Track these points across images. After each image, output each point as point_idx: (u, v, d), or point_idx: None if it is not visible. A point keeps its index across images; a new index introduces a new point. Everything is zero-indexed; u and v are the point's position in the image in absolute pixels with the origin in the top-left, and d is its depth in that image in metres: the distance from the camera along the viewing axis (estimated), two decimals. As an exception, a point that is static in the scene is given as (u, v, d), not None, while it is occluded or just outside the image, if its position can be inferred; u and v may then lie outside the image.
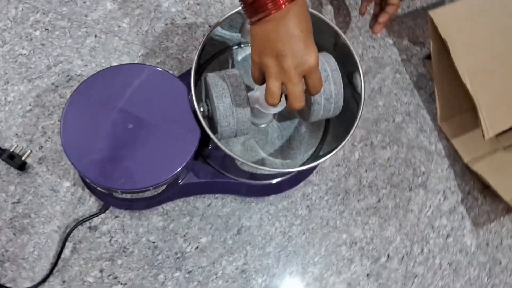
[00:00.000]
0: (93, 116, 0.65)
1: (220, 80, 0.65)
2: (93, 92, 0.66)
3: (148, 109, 0.66)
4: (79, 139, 0.64)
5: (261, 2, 0.51)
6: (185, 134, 0.66)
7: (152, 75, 0.68)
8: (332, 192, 0.90)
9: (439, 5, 1.02)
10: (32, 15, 0.87)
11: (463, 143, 0.92)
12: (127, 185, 0.64)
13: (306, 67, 0.53)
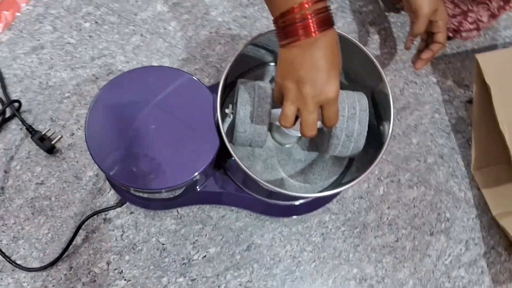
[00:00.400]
0: (118, 113, 0.67)
1: (250, 89, 0.66)
2: (121, 91, 0.68)
3: (173, 113, 0.67)
4: (102, 133, 0.66)
5: (293, 27, 0.51)
6: (204, 143, 0.66)
7: (182, 80, 0.69)
8: (350, 224, 0.88)
9: (490, 50, 0.99)
10: (85, 7, 0.91)
11: (494, 195, 0.88)
12: (141, 184, 0.65)
13: (323, 98, 0.54)
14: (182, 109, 0.67)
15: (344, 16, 0.96)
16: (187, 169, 0.66)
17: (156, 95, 0.67)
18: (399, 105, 0.94)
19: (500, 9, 0.82)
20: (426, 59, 0.82)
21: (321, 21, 0.51)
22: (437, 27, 0.80)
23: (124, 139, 0.65)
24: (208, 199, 0.83)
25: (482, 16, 0.85)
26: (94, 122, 0.66)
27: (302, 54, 0.52)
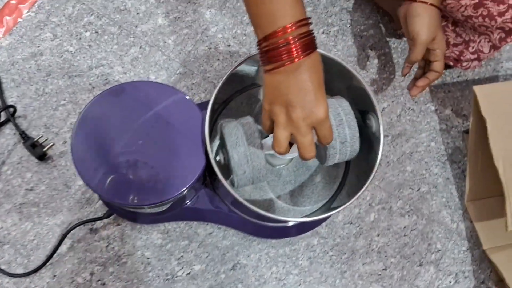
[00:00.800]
0: (105, 128, 0.66)
1: (234, 129, 0.65)
2: (109, 105, 0.67)
3: (160, 130, 0.67)
4: (88, 147, 0.66)
5: (276, 52, 0.51)
6: (190, 161, 0.66)
7: (172, 97, 0.69)
8: (338, 249, 0.87)
9: (491, 81, 0.98)
10: (86, 16, 0.91)
11: (486, 229, 0.87)
12: (124, 199, 0.64)
13: (315, 119, 0.53)
14: (170, 126, 0.67)
15: (344, 39, 0.96)
16: (172, 186, 0.65)
17: (145, 111, 0.67)
18: (395, 131, 0.93)
19: (502, 41, 0.81)
20: (421, 87, 0.82)
21: (305, 45, 0.51)
22: (434, 55, 0.79)
23: (110, 154, 0.65)
24: (195, 216, 0.82)
25: (483, 47, 0.84)
26: (81, 136, 0.66)
27: (287, 79, 0.52)
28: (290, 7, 0.51)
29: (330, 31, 0.96)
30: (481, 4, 0.76)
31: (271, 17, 0.51)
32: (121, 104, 0.67)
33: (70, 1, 0.92)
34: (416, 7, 0.76)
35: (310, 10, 0.96)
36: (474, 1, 0.77)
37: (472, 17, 0.78)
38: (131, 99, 0.68)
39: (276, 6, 0.50)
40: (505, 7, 0.75)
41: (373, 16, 0.98)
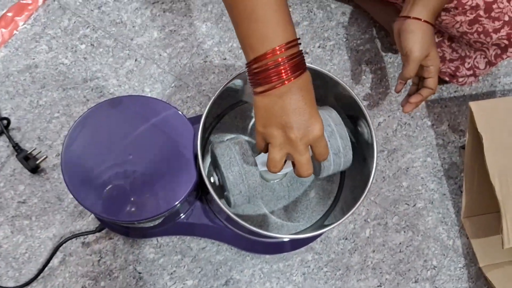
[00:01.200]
0: (96, 142, 0.66)
1: (227, 150, 0.64)
2: (100, 120, 0.67)
3: (152, 144, 0.66)
4: (78, 162, 0.65)
5: (266, 74, 0.51)
6: (182, 176, 0.65)
7: (164, 112, 0.68)
8: (333, 265, 0.86)
9: (488, 96, 0.97)
10: (82, 29, 0.91)
11: (482, 246, 0.86)
12: (113, 215, 0.64)
13: (311, 138, 0.53)
14: (162, 141, 0.66)
15: (340, 54, 0.95)
16: (163, 201, 0.65)
17: (137, 125, 0.67)
18: (391, 146, 0.92)
19: (497, 57, 0.81)
20: (414, 103, 0.81)
21: (295, 66, 0.51)
22: (428, 72, 0.78)
23: (101, 169, 0.65)
24: (189, 230, 0.81)
25: (479, 63, 0.84)
26: (71, 151, 0.65)
27: (281, 101, 0.51)
28: (281, 28, 0.51)
29: (326, 45, 0.96)
30: (476, 21, 0.76)
31: (262, 38, 0.51)
32: (113, 119, 0.67)
33: (66, 14, 0.92)
34: (409, 23, 0.75)
35: (306, 24, 0.96)
36: (469, 18, 0.76)
37: (467, 33, 0.78)
38: (123, 114, 0.67)
39: (267, 27, 0.50)
40: (501, 24, 0.75)
41: (370, 30, 0.98)
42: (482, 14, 0.76)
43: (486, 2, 0.75)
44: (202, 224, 0.79)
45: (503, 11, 0.75)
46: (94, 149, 0.65)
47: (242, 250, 0.83)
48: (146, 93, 0.89)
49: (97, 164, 0.65)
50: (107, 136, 0.66)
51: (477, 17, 0.76)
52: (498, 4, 0.75)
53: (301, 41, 0.95)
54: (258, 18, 0.50)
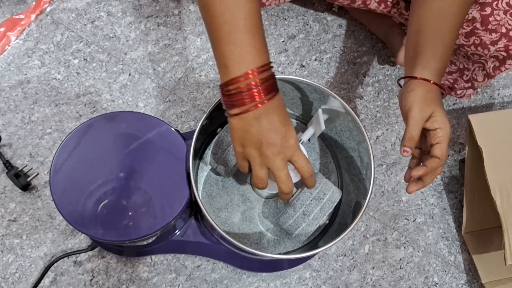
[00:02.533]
0: (85, 159, 0.64)
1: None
2: (90, 136, 0.65)
3: (144, 162, 0.65)
4: (68, 180, 0.63)
5: (239, 96, 0.52)
6: (174, 194, 0.64)
7: (156, 128, 0.67)
8: (331, 283, 0.83)
9: (487, 109, 0.96)
10: (75, 43, 0.90)
11: (484, 262, 0.84)
12: (102, 234, 0.62)
13: (287, 152, 0.55)
14: (154, 158, 0.65)
15: (337, 67, 0.94)
16: (156, 219, 0.63)
17: (129, 142, 0.65)
18: (390, 160, 0.91)
19: (495, 69, 0.79)
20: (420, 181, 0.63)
21: (267, 89, 0.52)
22: (434, 137, 0.62)
23: (92, 187, 0.63)
24: (183, 248, 0.79)
25: (477, 76, 0.82)
26: (60, 168, 0.63)
27: (257, 122, 0.53)
28: (256, 51, 0.52)
29: (323, 58, 0.95)
30: (473, 33, 0.75)
31: (238, 59, 0.52)
32: (104, 135, 0.65)
33: (59, 29, 0.91)
34: (409, 83, 0.65)
35: (302, 37, 0.95)
36: (466, 30, 0.75)
37: (464, 46, 0.77)
38: (114, 130, 0.66)
39: (244, 49, 0.52)
40: (498, 36, 0.74)
41: (366, 43, 0.97)
42: (479, 27, 0.75)
43: (483, 15, 0.74)
44: (197, 241, 0.77)
45: (500, 23, 0.74)
46: (84, 166, 0.64)
47: (238, 268, 0.81)
48: (140, 108, 0.88)
49: (87, 182, 0.63)
50: (98, 153, 0.64)
51: (474, 29, 0.75)
52: (495, 17, 0.74)
53: (298, 54, 0.94)
54: (235, 41, 0.52)
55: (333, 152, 0.79)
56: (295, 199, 0.66)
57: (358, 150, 0.72)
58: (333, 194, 0.67)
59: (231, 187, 0.76)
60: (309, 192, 0.66)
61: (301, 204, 0.65)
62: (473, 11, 0.75)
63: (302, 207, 0.65)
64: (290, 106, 0.79)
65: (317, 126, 0.70)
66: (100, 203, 0.63)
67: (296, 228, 0.66)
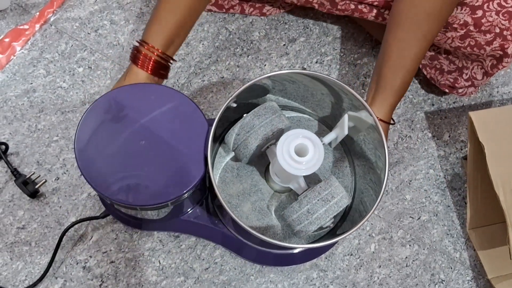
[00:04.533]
0: (110, 126, 0.66)
1: (270, 115, 0.69)
2: (116, 105, 0.68)
3: (164, 132, 0.67)
4: (92, 144, 0.65)
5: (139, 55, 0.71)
6: (190, 168, 0.65)
7: (178, 101, 0.69)
8: (339, 282, 0.84)
9: (487, 106, 0.97)
10: (79, 52, 0.91)
11: (490, 257, 0.84)
12: (121, 197, 0.64)
13: None
14: (175, 132, 0.67)
15: (338, 68, 0.95)
16: (168, 190, 0.64)
17: (153, 113, 0.67)
18: (393, 159, 0.92)
19: (493, 67, 0.81)
20: None
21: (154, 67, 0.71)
22: None
23: (112, 154, 0.65)
24: (192, 229, 0.81)
25: (477, 74, 0.84)
26: (85, 131, 0.66)
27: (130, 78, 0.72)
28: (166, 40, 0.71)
29: (324, 61, 0.96)
30: (467, 35, 0.76)
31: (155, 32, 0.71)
32: (129, 106, 0.68)
33: (63, 38, 0.92)
34: None
35: (303, 40, 0.97)
36: (460, 33, 0.77)
37: (460, 48, 0.78)
38: (140, 101, 0.68)
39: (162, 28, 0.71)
40: (492, 36, 0.75)
41: (366, 44, 0.98)
42: (472, 29, 0.76)
43: (474, 18, 0.75)
44: (205, 225, 0.79)
45: (492, 24, 0.75)
46: (107, 132, 0.66)
47: (249, 261, 0.82)
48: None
49: (109, 148, 0.65)
50: (121, 122, 0.67)
51: (468, 32, 0.76)
52: (487, 18, 0.75)
53: (299, 57, 0.95)
54: (162, 19, 0.71)
55: (350, 158, 0.80)
56: (303, 195, 0.67)
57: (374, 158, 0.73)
58: (341, 199, 0.68)
59: (245, 176, 0.77)
60: (318, 192, 0.67)
61: (307, 201, 0.66)
62: (464, 15, 0.76)
63: (307, 205, 0.66)
64: (315, 107, 0.80)
65: (341, 131, 0.71)
66: (119, 167, 0.65)
67: (298, 224, 0.67)
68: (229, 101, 0.68)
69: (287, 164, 0.64)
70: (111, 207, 0.80)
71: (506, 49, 0.76)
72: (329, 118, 0.80)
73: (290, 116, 0.81)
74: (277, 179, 0.73)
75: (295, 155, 0.64)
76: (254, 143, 0.68)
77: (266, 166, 0.78)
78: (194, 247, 0.83)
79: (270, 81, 0.74)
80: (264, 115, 0.69)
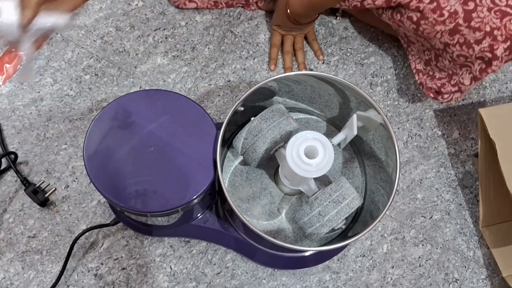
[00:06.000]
0: (119, 131, 0.67)
1: (278, 118, 0.68)
2: (126, 110, 0.68)
3: (173, 139, 0.67)
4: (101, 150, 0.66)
5: None
6: (199, 174, 0.65)
7: (185, 106, 0.69)
8: (352, 284, 0.83)
9: (496, 102, 0.96)
10: (86, 59, 0.92)
11: (504, 255, 0.83)
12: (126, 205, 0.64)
13: None
14: (183, 138, 0.67)
15: (345, 69, 0.95)
16: (177, 196, 0.65)
17: (161, 119, 0.67)
18: (403, 158, 0.91)
19: (482, 72, 0.78)
20: None
21: None
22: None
23: (121, 161, 0.65)
24: (203, 235, 0.81)
25: (464, 79, 0.82)
26: (94, 140, 0.66)
27: None
28: None
29: (331, 61, 0.95)
30: (457, 31, 0.75)
31: None
32: (137, 111, 0.68)
33: (69, 46, 0.92)
34: None
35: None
36: (449, 27, 0.75)
37: (449, 45, 0.77)
38: (146, 107, 0.68)
39: None
40: (482, 35, 0.74)
41: (373, 43, 0.97)
42: (462, 23, 0.75)
43: (465, 10, 0.74)
44: (215, 229, 0.79)
45: (483, 21, 0.74)
46: (116, 138, 0.66)
47: (261, 265, 0.81)
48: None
49: (118, 153, 0.65)
50: (130, 127, 0.67)
51: (457, 26, 0.75)
52: (478, 13, 0.74)
53: (306, 58, 0.95)
54: None
55: (360, 158, 0.79)
56: (314, 198, 0.66)
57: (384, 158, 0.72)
58: (352, 200, 0.67)
59: (255, 180, 0.77)
60: (329, 193, 0.66)
61: (318, 204, 0.66)
62: (455, 3, 0.75)
63: (319, 207, 0.65)
64: (323, 108, 0.79)
65: (350, 131, 0.71)
66: (129, 174, 0.65)
67: (309, 226, 0.66)
68: (237, 105, 0.68)
69: (297, 167, 0.64)
70: (121, 214, 0.80)
71: (495, 50, 0.74)
72: (338, 118, 0.80)
73: (298, 117, 0.81)
74: (287, 181, 0.73)
75: (305, 157, 0.64)
76: (263, 146, 0.68)
77: (276, 169, 0.77)
78: (205, 252, 0.83)
79: (276, 83, 0.74)
80: (271, 118, 0.69)
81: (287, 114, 0.71)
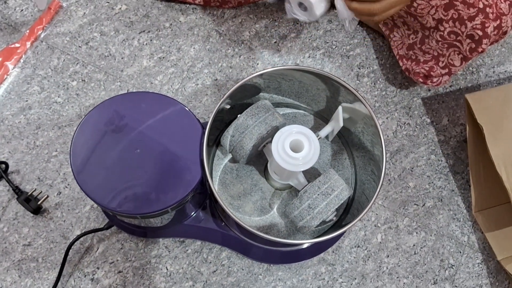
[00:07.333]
0: (104, 135, 0.67)
1: (263, 114, 0.69)
2: (109, 114, 0.68)
3: (159, 139, 0.67)
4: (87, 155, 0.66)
5: None
6: (187, 173, 0.66)
7: (174, 109, 0.69)
8: (348, 275, 0.84)
9: (484, 87, 0.96)
10: (72, 66, 0.92)
11: (498, 239, 0.84)
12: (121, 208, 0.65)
13: None
14: (169, 138, 0.67)
15: (331, 61, 0.95)
16: (166, 197, 0.65)
17: (146, 121, 0.67)
18: (393, 148, 0.91)
19: (472, 51, 0.78)
20: None
21: None
22: None
23: (108, 163, 0.66)
24: (196, 234, 0.81)
25: (454, 60, 0.82)
26: (80, 146, 0.66)
27: None
28: None
29: (316, 55, 0.96)
30: (452, 5, 0.75)
31: None
32: (122, 114, 0.68)
33: (55, 53, 0.92)
34: None
35: (293, 36, 0.96)
36: (445, 1, 0.75)
37: (443, 21, 0.77)
38: (131, 109, 0.68)
39: None
40: (475, 11, 0.74)
41: (358, 35, 0.98)
42: None
43: None
44: (208, 228, 0.79)
45: None
46: (102, 142, 0.66)
47: (255, 260, 0.82)
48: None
49: (105, 156, 0.66)
50: (115, 130, 0.67)
51: (453, 1, 0.75)
52: None
53: (291, 53, 0.95)
54: None
55: (349, 150, 0.80)
56: (303, 191, 0.66)
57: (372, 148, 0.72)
58: (341, 192, 0.68)
59: (245, 177, 0.77)
60: (317, 186, 0.67)
61: (307, 197, 0.66)
62: None
63: (308, 200, 0.66)
64: (309, 102, 0.80)
65: (336, 123, 0.71)
66: (117, 178, 0.65)
67: (300, 219, 0.67)
68: (221, 102, 0.68)
69: (283, 161, 0.64)
70: (115, 217, 0.80)
71: (486, 28, 0.74)
72: (325, 111, 0.80)
73: (285, 112, 0.81)
74: (276, 176, 0.73)
75: (290, 151, 0.64)
76: (250, 143, 0.68)
77: (265, 164, 0.78)
78: (200, 250, 0.83)
79: (262, 80, 0.74)
80: (257, 115, 0.69)
81: (273, 109, 0.71)
